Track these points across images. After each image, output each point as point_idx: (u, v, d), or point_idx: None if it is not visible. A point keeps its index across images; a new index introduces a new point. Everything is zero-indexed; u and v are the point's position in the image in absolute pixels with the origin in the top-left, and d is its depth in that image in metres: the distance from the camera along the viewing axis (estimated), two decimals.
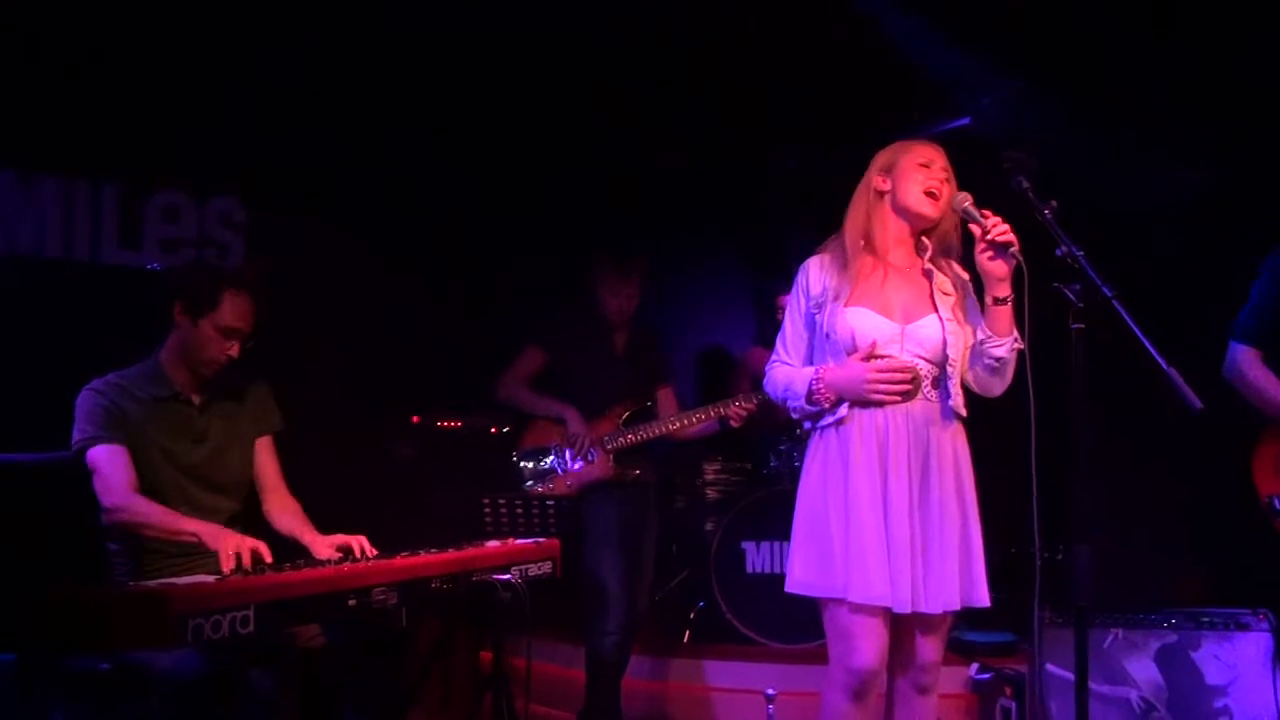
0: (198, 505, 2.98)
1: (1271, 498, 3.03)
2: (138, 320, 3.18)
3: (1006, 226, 2.59)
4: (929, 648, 2.73)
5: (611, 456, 4.06)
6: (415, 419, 4.83)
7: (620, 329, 4.24)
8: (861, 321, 2.69)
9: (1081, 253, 2.37)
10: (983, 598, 2.68)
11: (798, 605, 4.38)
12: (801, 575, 2.74)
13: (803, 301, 2.81)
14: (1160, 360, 2.23)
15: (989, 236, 2.59)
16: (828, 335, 2.73)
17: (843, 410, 2.68)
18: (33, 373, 4.07)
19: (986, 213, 2.62)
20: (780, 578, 4.51)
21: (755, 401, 3.97)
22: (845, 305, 2.71)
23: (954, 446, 2.70)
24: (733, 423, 4.04)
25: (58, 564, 3.05)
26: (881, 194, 2.78)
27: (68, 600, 2.13)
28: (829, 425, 2.71)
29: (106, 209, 4.74)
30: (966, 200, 2.66)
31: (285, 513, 3.13)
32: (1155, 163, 4.60)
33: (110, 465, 2.88)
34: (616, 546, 3.94)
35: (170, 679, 2.52)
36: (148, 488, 2.91)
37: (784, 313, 2.88)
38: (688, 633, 4.74)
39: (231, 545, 2.67)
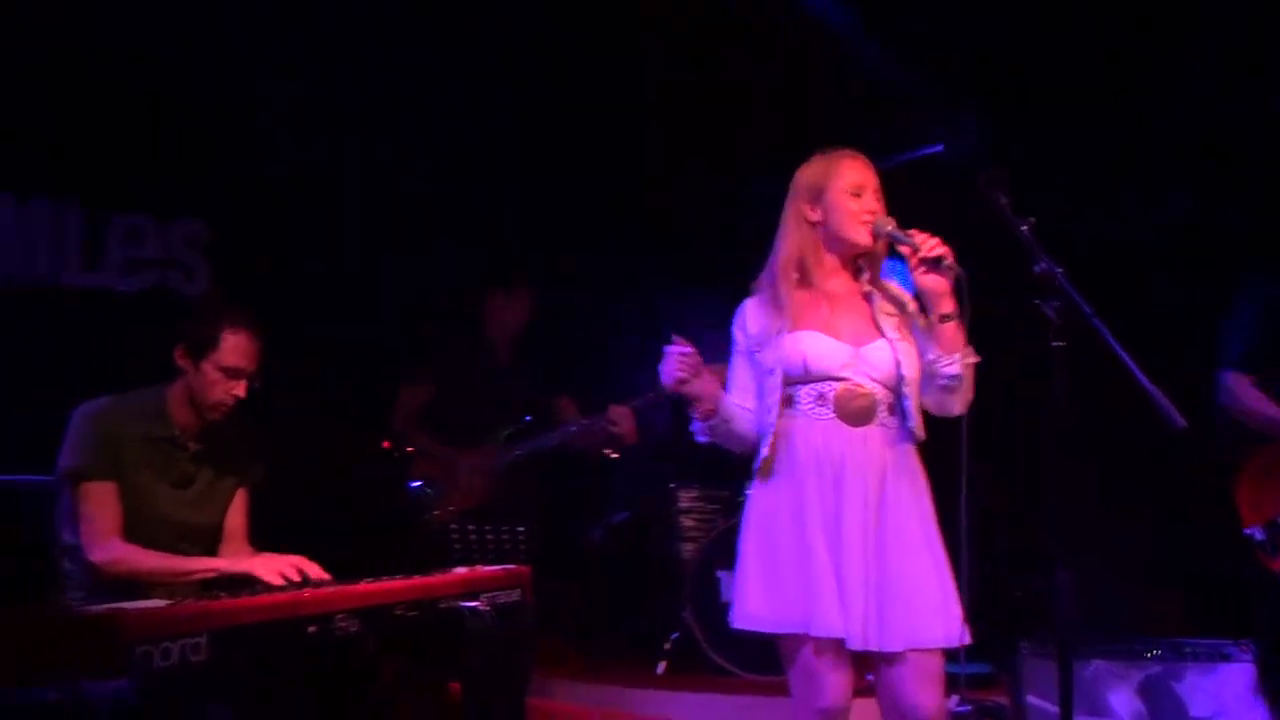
0: (171, 551, 2.90)
1: (1252, 530, 2.99)
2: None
3: (936, 240, 2.49)
4: (920, 692, 2.47)
5: (493, 479, 4.31)
6: (386, 444, 4.73)
7: (506, 346, 4.32)
8: (813, 345, 2.56)
9: (1061, 270, 2.33)
10: (960, 635, 2.46)
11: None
12: (754, 609, 2.53)
13: (743, 341, 2.68)
14: (1142, 378, 2.18)
15: (921, 254, 2.49)
16: (771, 370, 2.58)
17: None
18: None
19: (913, 232, 2.53)
20: None
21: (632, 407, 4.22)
22: (792, 331, 2.58)
23: (912, 472, 2.57)
24: (615, 429, 4.24)
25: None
26: (814, 224, 2.64)
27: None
28: (778, 451, 2.55)
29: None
30: (889, 224, 2.57)
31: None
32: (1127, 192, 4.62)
33: (100, 507, 2.81)
34: None
35: (110, 712, 2.41)
36: (126, 528, 2.84)
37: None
38: (664, 664, 4.65)
39: (273, 566, 2.65)
